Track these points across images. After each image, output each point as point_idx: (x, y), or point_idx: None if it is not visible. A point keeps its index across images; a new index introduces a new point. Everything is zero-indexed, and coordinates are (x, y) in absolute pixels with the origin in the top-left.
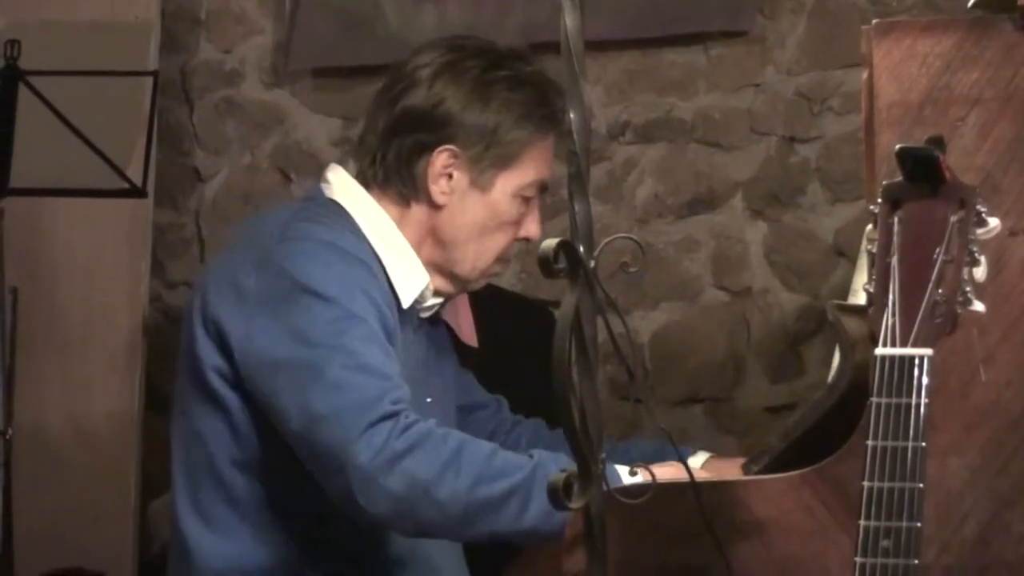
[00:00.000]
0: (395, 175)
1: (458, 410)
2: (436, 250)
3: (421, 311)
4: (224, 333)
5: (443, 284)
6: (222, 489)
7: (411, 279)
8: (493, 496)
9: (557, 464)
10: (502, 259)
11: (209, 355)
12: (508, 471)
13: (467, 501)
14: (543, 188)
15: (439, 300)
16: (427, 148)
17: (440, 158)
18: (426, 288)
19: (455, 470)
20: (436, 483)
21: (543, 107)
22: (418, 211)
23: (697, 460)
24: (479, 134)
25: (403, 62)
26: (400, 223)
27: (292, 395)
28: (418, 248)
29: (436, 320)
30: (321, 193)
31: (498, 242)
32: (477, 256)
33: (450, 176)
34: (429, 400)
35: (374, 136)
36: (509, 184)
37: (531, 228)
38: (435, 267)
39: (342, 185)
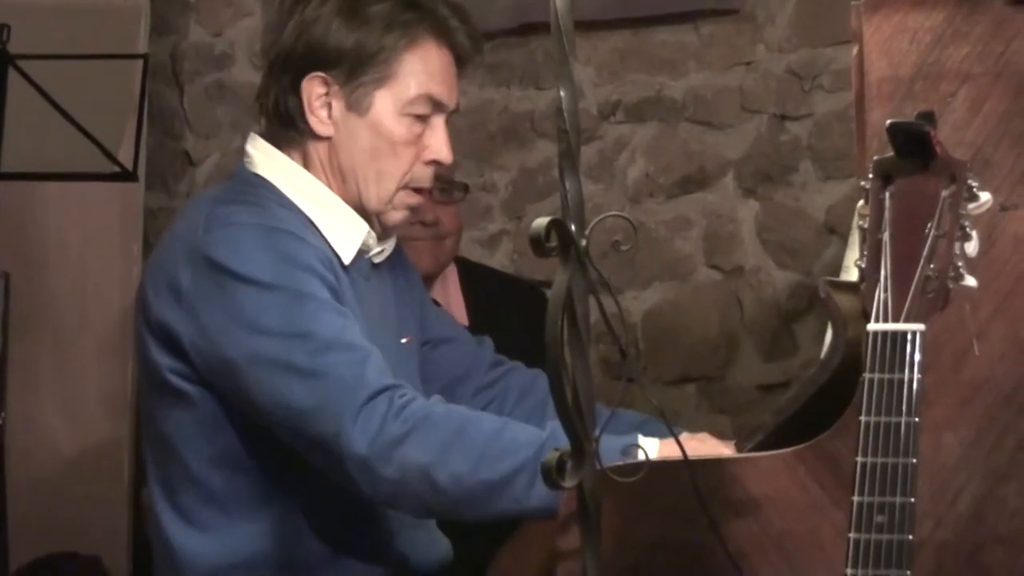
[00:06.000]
0: (278, 119)
1: (422, 345)
2: (343, 187)
3: (373, 257)
4: (173, 335)
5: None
6: (200, 489)
7: (350, 233)
8: (495, 478)
9: None
10: (411, 186)
11: (163, 358)
12: (514, 449)
13: (470, 484)
14: (438, 105)
15: (388, 244)
16: (298, 81)
17: (311, 87)
18: (368, 235)
19: (456, 452)
20: (436, 466)
21: (407, 13)
22: (314, 150)
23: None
24: (344, 54)
25: None
26: (307, 169)
27: (266, 392)
28: (330, 190)
29: (396, 261)
30: (244, 169)
31: (395, 166)
32: (378, 182)
33: (329, 106)
34: (404, 341)
35: (260, 85)
36: (388, 102)
37: (437, 150)
38: (350, 206)
39: (261, 155)
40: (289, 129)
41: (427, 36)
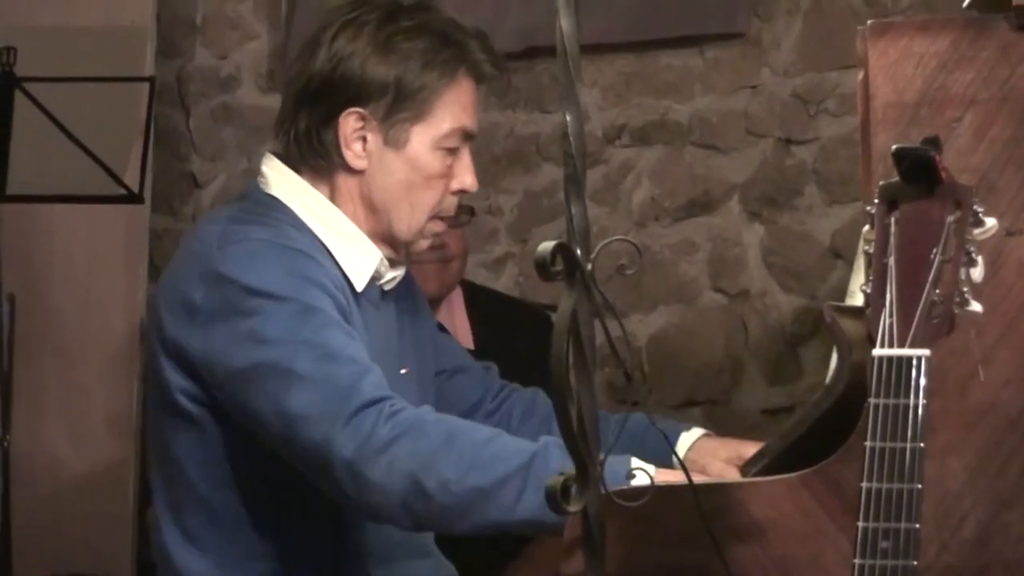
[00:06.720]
0: (310, 149)
1: (437, 375)
2: (372, 218)
3: (383, 285)
4: (185, 352)
5: (387, 252)
6: (206, 511)
7: (362, 260)
8: (485, 484)
9: (562, 452)
10: (440, 216)
11: (175, 378)
12: (504, 457)
13: (458, 490)
14: (467, 136)
15: (399, 272)
16: (334, 114)
17: (348, 122)
18: (381, 263)
19: (445, 458)
20: (425, 472)
21: (445, 50)
22: (343, 182)
23: (690, 436)
24: (383, 91)
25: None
26: (333, 199)
27: (265, 401)
28: (356, 220)
29: (404, 290)
30: (258, 188)
31: (428, 198)
32: (411, 215)
33: (364, 139)
34: (403, 372)
35: (285, 111)
36: (425, 137)
37: (465, 179)
38: (377, 235)
39: (277, 176)
40: (319, 159)
41: (463, 73)
